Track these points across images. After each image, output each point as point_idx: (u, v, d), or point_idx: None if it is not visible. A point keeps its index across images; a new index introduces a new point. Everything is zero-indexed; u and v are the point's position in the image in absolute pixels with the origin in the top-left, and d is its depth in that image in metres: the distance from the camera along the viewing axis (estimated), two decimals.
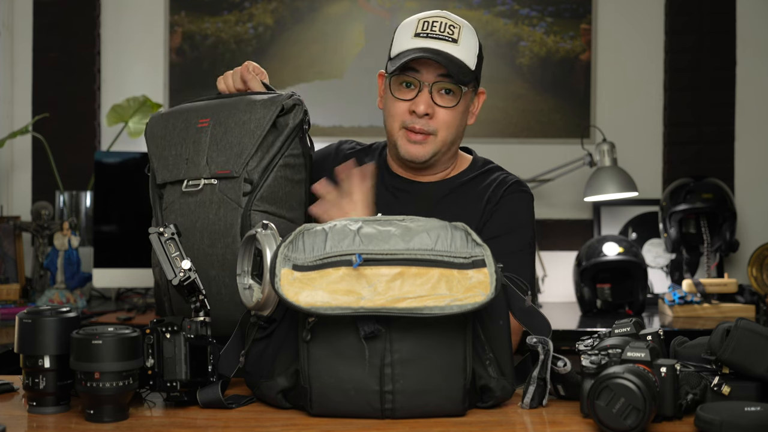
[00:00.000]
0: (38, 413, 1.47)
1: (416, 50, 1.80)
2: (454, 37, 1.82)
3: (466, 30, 1.85)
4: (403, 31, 1.87)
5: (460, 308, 1.38)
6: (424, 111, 1.82)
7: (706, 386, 1.43)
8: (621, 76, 3.84)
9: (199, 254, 1.69)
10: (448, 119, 1.84)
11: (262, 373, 1.49)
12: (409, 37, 1.84)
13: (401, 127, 1.86)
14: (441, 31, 1.82)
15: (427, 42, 1.82)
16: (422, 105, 1.82)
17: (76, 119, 3.77)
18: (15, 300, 3.33)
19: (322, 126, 3.79)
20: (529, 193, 1.94)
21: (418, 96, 1.83)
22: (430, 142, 1.86)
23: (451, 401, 1.43)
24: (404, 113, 1.85)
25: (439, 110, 1.84)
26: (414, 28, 1.84)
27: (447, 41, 1.82)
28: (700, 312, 3.31)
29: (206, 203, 1.70)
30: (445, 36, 1.82)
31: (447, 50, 1.81)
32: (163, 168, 1.76)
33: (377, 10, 3.84)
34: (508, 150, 3.79)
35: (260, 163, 1.70)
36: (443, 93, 1.84)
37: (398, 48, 1.85)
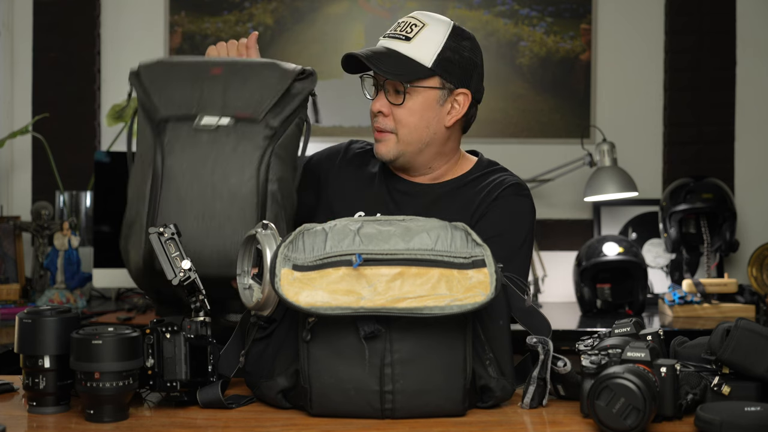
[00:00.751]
0: (38, 413, 1.47)
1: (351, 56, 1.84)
2: (408, 35, 1.83)
3: (430, 29, 1.83)
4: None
5: (460, 308, 1.38)
6: (377, 109, 1.86)
7: (706, 386, 1.43)
8: (621, 76, 3.84)
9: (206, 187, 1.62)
10: (402, 117, 1.85)
11: (262, 373, 1.49)
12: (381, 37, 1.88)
13: (372, 125, 1.90)
14: (401, 30, 1.84)
15: (383, 41, 1.86)
16: (377, 103, 1.86)
17: (76, 119, 3.77)
18: (15, 300, 3.33)
19: (322, 126, 3.79)
20: (527, 197, 1.88)
21: (377, 95, 1.88)
22: (390, 140, 1.86)
23: (451, 401, 1.43)
24: (372, 112, 1.89)
25: (395, 109, 1.85)
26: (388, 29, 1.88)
27: (399, 39, 1.83)
28: (700, 312, 3.31)
29: (222, 140, 1.64)
30: (399, 35, 1.84)
31: (394, 47, 1.83)
32: (168, 103, 1.70)
33: (377, 10, 3.84)
34: (508, 150, 3.79)
35: (280, 114, 1.69)
36: (393, 92, 1.85)
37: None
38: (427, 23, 1.84)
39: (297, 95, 1.71)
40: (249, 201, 1.62)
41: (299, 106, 1.71)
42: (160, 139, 1.68)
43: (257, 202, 1.62)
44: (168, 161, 1.64)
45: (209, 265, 1.58)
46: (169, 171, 1.63)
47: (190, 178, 1.61)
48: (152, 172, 1.64)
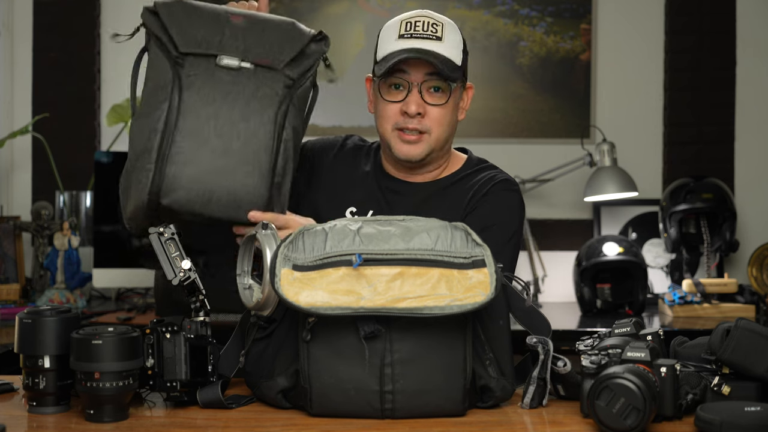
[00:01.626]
0: (38, 413, 1.47)
1: (402, 51, 1.79)
2: (438, 35, 1.82)
3: (448, 27, 1.84)
4: (387, 33, 1.86)
5: (460, 308, 1.38)
6: (415, 111, 1.81)
7: (706, 386, 1.43)
8: (621, 76, 3.84)
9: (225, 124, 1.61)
10: (439, 117, 1.83)
11: (262, 373, 1.49)
12: (394, 39, 1.83)
13: (394, 128, 1.84)
14: (424, 30, 1.82)
15: (412, 42, 1.81)
16: (413, 105, 1.81)
17: (76, 119, 3.77)
18: (15, 300, 3.33)
19: (322, 126, 3.79)
20: (516, 192, 1.88)
21: (408, 96, 1.81)
22: (424, 141, 1.84)
23: (451, 401, 1.43)
24: (396, 115, 1.83)
25: (431, 108, 1.82)
26: (398, 30, 1.83)
27: (431, 39, 1.81)
28: (700, 312, 3.31)
29: (243, 82, 1.64)
30: (428, 35, 1.81)
31: (432, 48, 1.80)
32: (188, 40, 1.67)
33: (377, 10, 3.84)
34: (508, 150, 3.79)
35: (297, 68, 1.68)
36: (432, 91, 1.82)
37: (384, 51, 1.84)
38: (442, 21, 1.85)
39: (311, 55, 1.70)
40: (265, 144, 1.61)
41: (313, 65, 1.71)
42: (177, 72, 1.67)
43: (273, 147, 1.62)
44: (186, 94, 1.63)
45: (218, 204, 1.57)
46: (187, 104, 1.61)
47: (209, 114, 1.60)
48: (168, 104, 1.63)
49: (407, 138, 1.83)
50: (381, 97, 1.85)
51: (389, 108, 1.84)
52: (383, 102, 1.85)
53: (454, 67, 1.82)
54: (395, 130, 1.84)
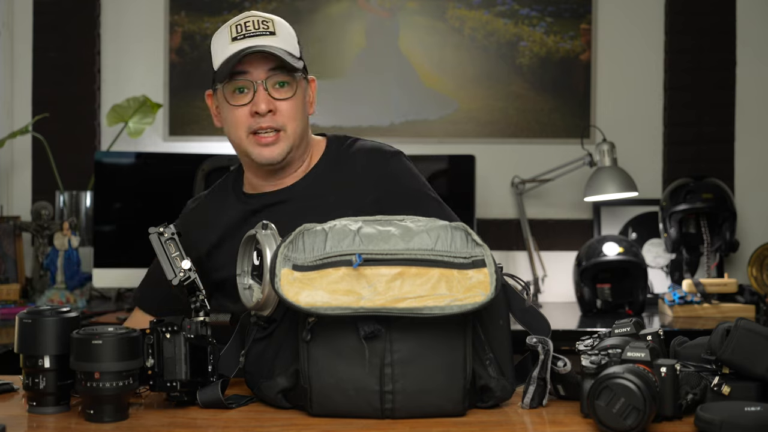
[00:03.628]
0: (38, 413, 1.47)
1: (240, 51, 1.77)
2: (271, 30, 1.80)
3: (278, 22, 1.84)
4: (219, 40, 1.83)
5: (460, 308, 1.38)
6: (266, 109, 1.78)
7: (706, 386, 1.43)
8: (621, 76, 3.84)
9: None
10: (291, 111, 1.81)
11: (262, 373, 1.49)
12: (227, 43, 1.80)
13: (248, 133, 1.81)
14: (255, 28, 1.80)
15: (246, 41, 1.78)
16: (262, 103, 1.78)
17: (76, 119, 3.77)
18: (15, 300, 3.33)
19: (321, 126, 3.78)
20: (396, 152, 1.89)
21: (255, 96, 1.79)
22: (281, 139, 1.81)
23: (451, 401, 1.43)
24: (246, 118, 1.80)
25: (280, 104, 1.80)
26: (229, 34, 1.80)
27: (265, 36, 1.79)
28: (700, 312, 3.31)
29: None
30: (261, 32, 1.80)
31: (268, 43, 1.79)
32: None
33: (377, 10, 3.84)
34: (508, 150, 3.79)
35: None
36: (278, 87, 1.80)
37: (220, 57, 1.81)
38: (271, 18, 1.83)
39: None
40: None
41: None
42: None
43: None
44: None
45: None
46: None
47: None
48: None
49: (264, 140, 1.80)
50: (228, 104, 1.81)
51: (238, 113, 1.80)
52: (230, 108, 1.81)
53: (295, 58, 1.81)
54: (250, 135, 1.81)
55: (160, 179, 3.43)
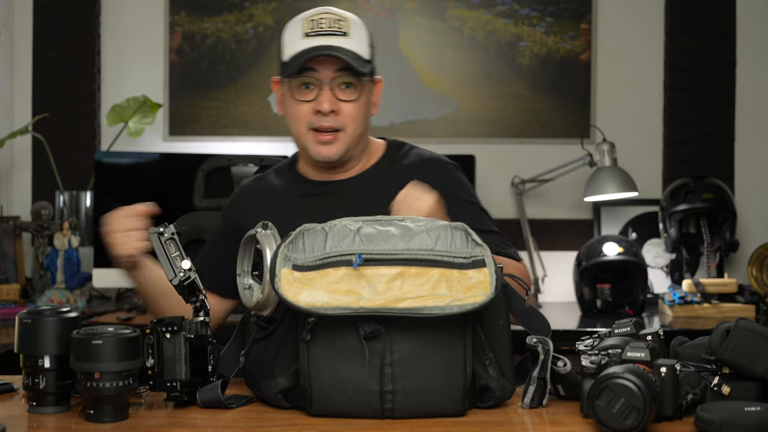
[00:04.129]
0: (38, 413, 1.47)
1: (310, 50, 1.78)
2: (344, 31, 1.81)
3: (353, 22, 1.84)
4: (291, 33, 1.83)
5: (460, 308, 1.38)
6: (329, 108, 1.79)
7: (706, 386, 1.43)
8: (621, 76, 3.84)
9: None
10: (353, 113, 1.82)
11: (262, 373, 1.49)
12: (299, 37, 1.81)
13: (308, 129, 1.82)
14: (329, 27, 1.80)
15: (319, 40, 1.79)
16: (326, 103, 1.79)
17: (76, 119, 3.77)
18: (15, 300, 3.33)
19: None
20: (456, 165, 1.93)
21: (320, 95, 1.80)
22: (339, 139, 1.82)
23: (451, 401, 1.43)
24: (309, 114, 1.81)
25: (343, 105, 1.81)
26: (302, 29, 1.81)
27: (338, 36, 1.80)
28: (700, 312, 3.31)
29: None
30: (334, 31, 1.80)
31: (340, 44, 1.79)
32: None
33: (377, 10, 3.84)
34: (508, 150, 3.79)
35: None
36: (344, 87, 1.81)
37: (290, 51, 1.81)
38: (347, 17, 1.84)
39: None
40: None
41: None
42: None
43: None
44: None
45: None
46: None
47: None
48: None
49: (323, 138, 1.82)
50: (292, 98, 1.82)
51: (301, 108, 1.82)
52: (294, 102, 1.82)
53: (364, 61, 1.81)
54: (310, 131, 1.82)
55: (160, 179, 3.43)
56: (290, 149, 1.99)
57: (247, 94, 3.82)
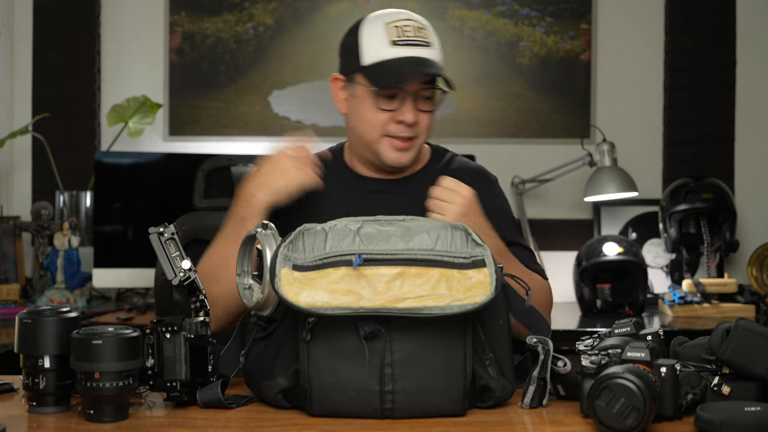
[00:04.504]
0: (38, 413, 1.47)
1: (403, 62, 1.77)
2: (427, 41, 1.81)
3: (430, 29, 1.84)
4: (374, 36, 1.81)
5: (460, 308, 1.38)
6: (412, 120, 1.80)
7: (706, 386, 1.43)
8: (621, 76, 3.84)
9: None
10: (428, 123, 1.84)
11: (262, 373, 1.49)
12: (386, 44, 1.79)
13: (383, 135, 1.82)
14: (415, 36, 1.80)
15: (407, 50, 1.78)
16: (410, 114, 1.79)
17: (76, 119, 3.77)
18: (15, 300, 3.33)
19: (322, 126, 3.78)
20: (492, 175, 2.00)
21: (403, 105, 1.79)
22: (413, 146, 1.84)
23: (451, 401, 1.43)
24: (388, 122, 1.81)
25: (422, 116, 1.82)
26: (387, 35, 1.79)
27: (424, 46, 1.80)
28: (700, 312, 3.31)
29: None
30: (420, 41, 1.80)
31: (426, 56, 1.79)
32: None
33: (377, 10, 3.83)
34: (508, 150, 3.79)
35: None
36: (424, 100, 1.82)
37: (375, 56, 1.80)
38: (424, 23, 1.84)
39: None
40: None
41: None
42: None
43: None
44: None
45: None
46: None
47: None
48: None
49: (400, 145, 1.83)
50: (373, 105, 1.81)
51: (381, 116, 1.81)
52: (374, 110, 1.81)
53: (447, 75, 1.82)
54: (384, 137, 1.82)
55: (160, 179, 3.43)
56: None
57: (247, 94, 3.82)
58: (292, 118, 3.80)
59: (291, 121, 3.80)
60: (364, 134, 1.84)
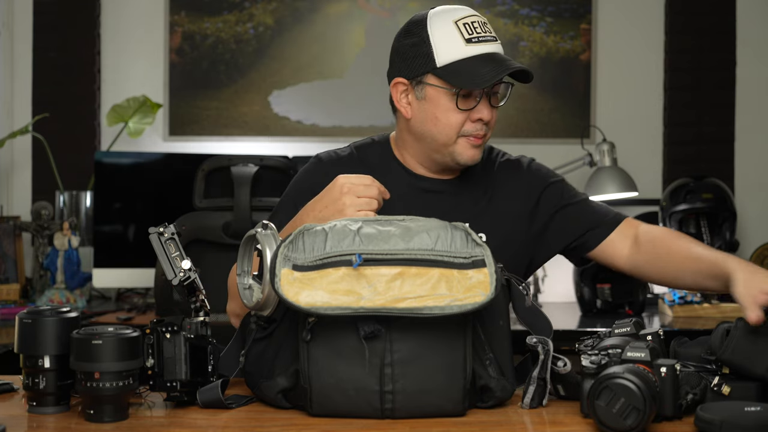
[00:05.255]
0: (38, 413, 1.47)
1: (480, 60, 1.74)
2: (494, 35, 1.79)
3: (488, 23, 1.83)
4: (445, 34, 1.76)
5: (460, 308, 1.38)
6: (489, 118, 1.78)
7: (706, 386, 1.43)
8: (621, 76, 3.84)
9: None
10: (496, 118, 1.82)
11: (262, 373, 1.49)
12: (460, 43, 1.75)
13: (460, 135, 1.79)
14: (484, 31, 1.77)
15: (481, 47, 1.75)
16: (487, 111, 1.77)
17: (76, 119, 3.77)
18: (15, 300, 3.33)
19: (322, 126, 3.79)
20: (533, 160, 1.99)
21: (479, 104, 1.77)
22: (485, 142, 1.84)
23: (451, 401, 1.43)
24: (464, 121, 1.78)
25: (494, 112, 1.81)
26: (459, 33, 1.75)
27: (493, 41, 1.78)
28: (700, 312, 3.31)
29: None
30: (489, 37, 1.77)
31: (498, 51, 1.78)
32: None
33: (377, 10, 3.84)
34: (508, 150, 3.77)
35: None
36: (494, 95, 1.80)
37: (450, 56, 1.75)
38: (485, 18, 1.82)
39: None
40: None
41: None
42: None
43: None
44: None
45: None
46: None
47: None
48: None
49: (476, 143, 1.80)
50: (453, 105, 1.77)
51: (459, 116, 1.77)
52: (454, 111, 1.77)
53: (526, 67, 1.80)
54: (461, 137, 1.79)
55: (160, 179, 3.43)
56: (290, 149, 1.99)
57: (247, 94, 3.82)
58: (292, 118, 3.80)
59: (291, 121, 3.80)
60: (438, 136, 1.80)
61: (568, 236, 1.89)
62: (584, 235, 1.88)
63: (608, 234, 1.88)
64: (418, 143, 1.84)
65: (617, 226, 1.89)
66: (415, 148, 1.86)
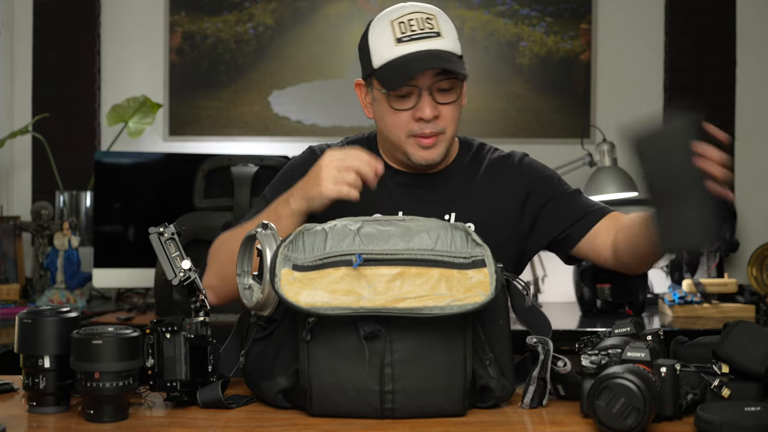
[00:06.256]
0: (38, 413, 1.47)
1: (408, 59, 1.71)
2: (436, 30, 1.74)
3: (441, 17, 1.77)
4: (380, 37, 1.76)
5: (460, 308, 1.38)
6: (431, 115, 1.74)
7: (706, 386, 1.43)
8: (621, 76, 3.84)
9: None
10: (452, 114, 1.77)
11: (262, 373, 1.49)
12: (391, 43, 1.74)
13: (408, 135, 1.77)
14: (421, 28, 1.73)
15: (413, 45, 1.72)
16: (428, 109, 1.74)
17: (76, 119, 3.77)
18: (15, 300, 3.33)
19: (322, 126, 3.79)
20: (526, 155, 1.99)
21: (420, 102, 1.74)
22: (440, 141, 1.78)
23: (451, 401, 1.43)
24: (409, 122, 1.76)
25: (443, 108, 1.76)
26: (392, 33, 1.74)
27: (431, 38, 1.73)
28: (700, 312, 3.31)
29: None
30: (427, 33, 1.73)
31: (433, 47, 1.73)
32: None
33: (377, 10, 3.82)
34: (508, 150, 3.78)
35: None
36: (441, 91, 1.75)
37: (382, 58, 1.75)
38: (434, 12, 1.77)
39: None
40: None
41: None
42: None
43: None
44: None
45: None
46: None
47: None
48: None
49: (425, 143, 1.77)
50: (389, 107, 1.76)
51: (400, 117, 1.76)
52: (392, 112, 1.76)
53: (461, 62, 1.76)
54: (410, 137, 1.78)
55: (160, 179, 3.43)
56: (290, 149, 1.99)
57: (247, 94, 3.82)
58: (292, 118, 3.80)
59: (291, 121, 3.80)
60: (390, 137, 1.80)
61: (555, 228, 1.86)
62: (570, 228, 1.85)
63: (593, 226, 1.84)
64: (386, 143, 1.86)
65: (602, 218, 1.84)
66: (386, 146, 1.87)
